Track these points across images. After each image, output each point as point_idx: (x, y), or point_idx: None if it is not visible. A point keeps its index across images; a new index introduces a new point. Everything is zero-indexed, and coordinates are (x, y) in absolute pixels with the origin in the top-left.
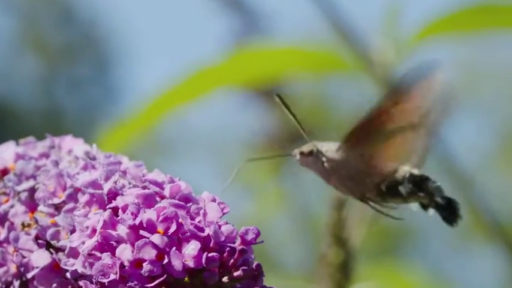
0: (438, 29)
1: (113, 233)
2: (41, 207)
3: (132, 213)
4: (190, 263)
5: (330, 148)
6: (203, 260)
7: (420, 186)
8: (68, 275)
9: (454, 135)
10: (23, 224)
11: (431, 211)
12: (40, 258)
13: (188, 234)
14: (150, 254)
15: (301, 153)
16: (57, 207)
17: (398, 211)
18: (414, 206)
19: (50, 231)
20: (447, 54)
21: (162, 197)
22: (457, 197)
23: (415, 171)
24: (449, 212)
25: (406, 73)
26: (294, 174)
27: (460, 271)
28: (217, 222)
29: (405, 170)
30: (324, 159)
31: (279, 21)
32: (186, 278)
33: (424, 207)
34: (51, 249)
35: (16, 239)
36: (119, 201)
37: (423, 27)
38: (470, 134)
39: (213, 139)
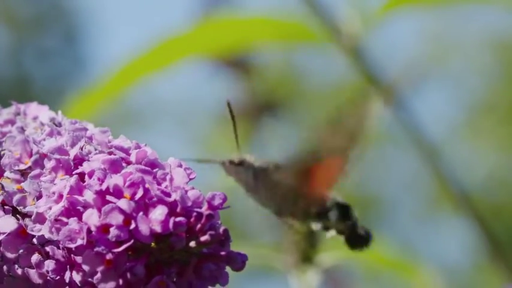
0: (406, 0)
1: (80, 198)
2: (7, 173)
3: (98, 179)
4: (158, 228)
5: (265, 165)
6: (170, 225)
7: (347, 215)
8: (34, 240)
9: (421, 106)
10: None
11: (331, 233)
12: (6, 224)
13: (155, 199)
14: (117, 219)
15: (231, 162)
16: (23, 173)
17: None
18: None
19: (16, 197)
20: (415, 26)
21: (128, 163)
22: (425, 168)
23: (340, 199)
24: (363, 241)
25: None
26: (262, 143)
27: (428, 242)
28: (183, 188)
29: (332, 197)
30: (257, 172)
31: None
32: (153, 243)
33: (327, 229)
34: (17, 215)
35: None
36: (85, 167)
37: None
38: (438, 105)
39: (181, 109)
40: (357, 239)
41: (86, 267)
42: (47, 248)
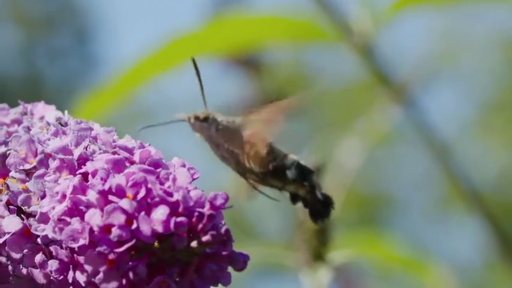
0: None
1: (83, 198)
2: (12, 173)
3: (101, 178)
4: (159, 228)
5: (227, 120)
6: (172, 225)
7: (305, 176)
8: (39, 240)
9: (432, 104)
10: None
11: (300, 204)
12: (11, 224)
13: (157, 199)
14: (119, 219)
15: (196, 118)
16: (28, 173)
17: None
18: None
19: (21, 197)
20: (425, 24)
21: (132, 163)
22: (436, 166)
23: (302, 162)
24: (322, 208)
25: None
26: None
27: (439, 240)
28: (186, 188)
29: (294, 158)
30: (218, 127)
31: None
32: (155, 243)
33: (294, 199)
34: (22, 215)
35: None
36: (89, 167)
37: None
38: (449, 104)
39: (192, 108)
40: (316, 204)
41: (88, 267)
42: (51, 248)
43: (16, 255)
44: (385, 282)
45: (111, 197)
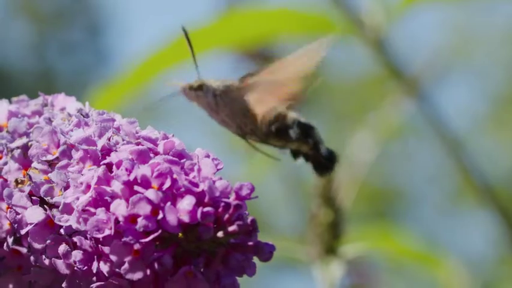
0: None
1: (107, 188)
2: (34, 164)
3: (126, 169)
4: (185, 218)
5: (223, 84)
6: (198, 215)
7: (308, 133)
8: (62, 231)
9: (445, 98)
10: (16, 181)
11: (300, 160)
12: (34, 215)
13: (183, 189)
14: (144, 209)
15: (190, 87)
16: (51, 164)
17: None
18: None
19: (43, 188)
20: (438, 18)
21: (156, 153)
22: (449, 160)
23: (303, 120)
24: (328, 162)
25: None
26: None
27: (451, 234)
28: (211, 178)
29: (294, 116)
30: (216, 93)
31: None
32: (180, 234)
33: (295, 155)
34: (45, 206)
35: (10, 196)
36: (113, 157)
37: None
38: (461, 97)
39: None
40: (320, 159)
41: (113, 258)
42: (75, 239)
43: (38, 246)
44: (397, 275)
45: (136, 188)
